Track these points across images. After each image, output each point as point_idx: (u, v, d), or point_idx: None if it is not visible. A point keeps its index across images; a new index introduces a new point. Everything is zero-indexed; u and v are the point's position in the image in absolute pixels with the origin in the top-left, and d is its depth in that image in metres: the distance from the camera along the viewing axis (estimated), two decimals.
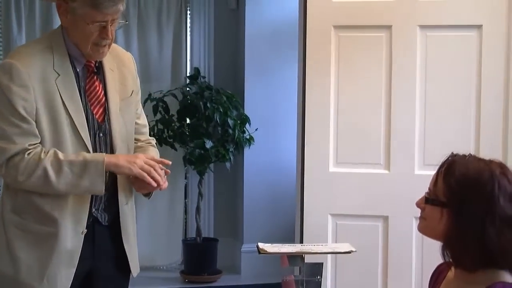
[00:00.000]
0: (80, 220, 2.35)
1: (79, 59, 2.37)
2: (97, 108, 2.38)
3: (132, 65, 2.56)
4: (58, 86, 2.30)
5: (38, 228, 2.34)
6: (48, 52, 2.34)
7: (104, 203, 2.43)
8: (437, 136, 2.97)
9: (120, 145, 2.43)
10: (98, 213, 2.43)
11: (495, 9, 2.94)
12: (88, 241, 2.40)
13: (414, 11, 2.98)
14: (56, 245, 2.32)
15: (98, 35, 2.28)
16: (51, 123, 2.29)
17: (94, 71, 2.39)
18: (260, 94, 5.36)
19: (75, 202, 2.34)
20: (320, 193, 3.04)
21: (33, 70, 2.27)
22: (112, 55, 2.46)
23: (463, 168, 1.77)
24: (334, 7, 3.02)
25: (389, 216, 3.01)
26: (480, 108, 2.96)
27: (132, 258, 2.52)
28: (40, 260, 2.33)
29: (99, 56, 2.35)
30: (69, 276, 2.35)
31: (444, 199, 1.79)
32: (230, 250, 5.52)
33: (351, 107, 3.04)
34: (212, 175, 5.53)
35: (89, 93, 2.38)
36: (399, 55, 2.99)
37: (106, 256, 2.47)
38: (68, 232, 2.33)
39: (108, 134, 2.40)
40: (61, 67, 2.33)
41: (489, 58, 2.95)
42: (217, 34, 5.59)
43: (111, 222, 2.46)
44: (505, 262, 1.74)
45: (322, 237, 3.00)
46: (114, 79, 2.45)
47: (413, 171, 2.98)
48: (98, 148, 2.38)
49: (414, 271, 2.98)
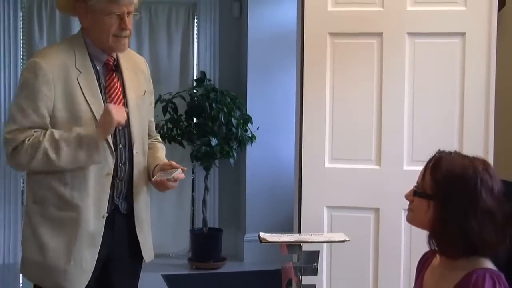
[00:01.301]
0: (101, 205, 2.36)
1: (99, 58, 2.39)
2: (116, 103, 2.39)
3: (145, 67, 2.58)
4: (80, 83, 2.32)
5: (61, 215, 2.34)
6: (69, 52, 2.36)
7: (124, 192, 2.44)
8: (424, 134, 2.97)
9: (138, 137, 2.45)
10: (119, 201, 2.44)
11: (477, 18, 2.94)
12: (109, 228, 2.41)
13: (403, 20, 2.98)
14: (79, 228, 2.33)
15: (117, 27, 2.32)
16: (72, 117, 2.30)
17: (113, 69, 2.41)
18: (261, 95, 5.36)
19: (96, 189, 2.34)
20: (317, 187, 3.04)
21: (56, 69, 2.30)
22: (127, 57, 2.49)
23: (448, 164, 1.78)
24: (329, 16, 3.02)
25: (379, 208, 3.01)
26: (463, 109, 2.96)
27: (145, 244, 2.52)
28: (65, 243, 2.34)
29: (120, 47, 2.37)
30: (94, 256, 2.37)
31: (431, 192, 1.79)
32: (234, 239, 5.52)
33: (345, 107, 3.04)
34: (217, 170, 5.53)
35: (109, 89, 2.40)
36: (389, 60, 2.99)
37: (122, 243, 2.48)
38: (90, 216, 2.34)
39: (126, 127, 2.41)
40: (82, 65, 2.35)
41: (472, 63, 2.95)
42: (222, 40, 5.59)
43: (128, 211, 2.47)
44: (485, 250, 1.75)
45: (318, 227, 3.00)
46: (131, 78, 2.47)
47: (402, 167, 2.98)
48: (118, 139, 2.39)
49: (403, 258, 2.98)
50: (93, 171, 2.33)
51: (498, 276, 1.73)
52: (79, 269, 2.34)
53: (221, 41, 5.57)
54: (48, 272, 2.35)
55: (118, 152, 2.39)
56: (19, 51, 5.26)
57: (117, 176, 2.40)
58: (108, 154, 2.34)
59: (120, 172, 2.41)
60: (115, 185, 2.39)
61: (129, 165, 2.42)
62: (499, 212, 1.75)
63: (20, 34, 5.25)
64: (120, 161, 2.41)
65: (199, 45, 5.55)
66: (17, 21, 5.23)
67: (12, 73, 5.24)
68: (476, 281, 1.70)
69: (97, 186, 2.34)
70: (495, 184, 1.76)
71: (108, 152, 2.34)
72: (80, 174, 2.32)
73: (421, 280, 1.91)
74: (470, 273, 1.73)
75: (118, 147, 2.40)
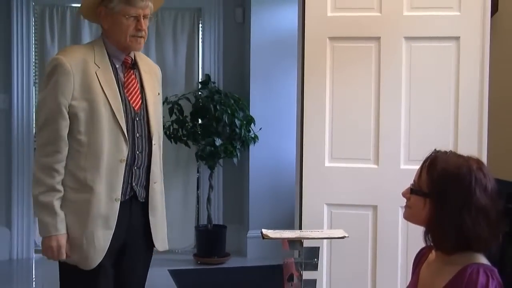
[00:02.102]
0: (114, 188, 2.43)
1: (117, 57, 2.51)
2: (134, 97, 2.51)
3: (158, 73, 2.71)
4: (98, 76, 2.43)
5: (76, 197, 2.43)
6: (89, 50, 2.49)
7: (143, 180, 2.52)
8: (420, 135, 2.96)
9: (155, 130, 2.54)
10: (138, 188, 2.50)
11: (471, 23, 2.93)
12: (125, 214, 2.48)
13: (400, 24, 2.97)
14: (91, 210, 2.41)
15: (134, 28, 2.45)
16: (89, 106, 2.40)
17: (131, 66, 2.53)
18: (264, 97, 5.36)
19: (109, 173, 2.42)
20: (317, 185, 3.03)
21: (75, 62, 2.42)
22: (144, 62, 2.62)
23: (444, 163, 1.78)
24: (329, 21, 3.02)
25: (377, 206, 3.00)
26: (458, 110, 2.95)
27: (157, 233, 2.57)
28: (80, 223, 2.42)
29: (137, 46, 2.49)
30: (107, 237, 2.43)
31: (427, 190, 1.79)
32: (237, 236, 5.52)
33: (344, 109, 3.03)
34: (221, 169, 5.53)
35: (127, 85, 2.51)
36: (387, 63, 2.99)
37: (137, 229, 2.53)
38: (102, 198, 2.41)
39: (144, 120, 2.51)
40: (101, 62, 2.46)
41: (466, 66, 2.94)
42: (226, 44, 5.59)
43: (145, 199, 2.54)
44: (479, 246, 1.75)
45: (318, 224, 3.00)
46: (149, 79, 2.59)
47: (399, 166, 2.97)
48: (137, 130, 2.49)
49: (400, 254, 2.98)
50: (107, 157, 2.42)
51: (491, 270, 1.73)
52: (92, 247, 2.41)
53: (225, 45, 5.57)
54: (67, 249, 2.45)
55: (135, 141, 2.48)
56: (32, 54, 5.27)
57: (134, 163, 2.48)
58: (122, 142, 2.43)
59: (137, 160, 2.49)
60: (133, 172, 2.48)
61: (147, 155, 2.51)
62: (493, 210, 1.74)
63: (32, 39, 5.27)
64: (138, 149, 2.49)
65: (203, 49, 5.55)
66: (30, 26, 5.24)
67: (25, 76, 5.25)
68: (471, 275, 1.70)
69: (111, 171, 2.42)
70: (489, 183, 1.75)
71: (122, 140, 2.43)
72: (94, 158, 2.41)
73: (417, 275, 1.90)
74: (465, 268, 1.73)
75: (135, 136, 2.48)
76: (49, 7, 5.27)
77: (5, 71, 5.23)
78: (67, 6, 5.31)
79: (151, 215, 2.54)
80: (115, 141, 2.43)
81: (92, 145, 2.41)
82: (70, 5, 5.31)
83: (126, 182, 2.46)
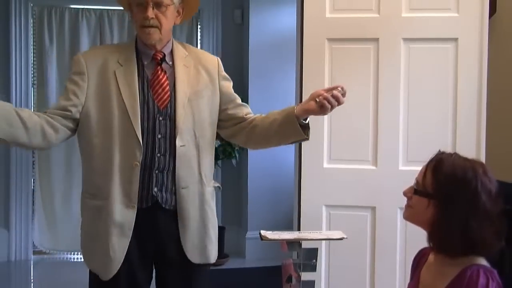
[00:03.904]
0: (128, 194, 2.29)
1: (146, 53, 2.39)
2: (161, 95, 2.35)
3: (212, 66, 2.49)
4: (117, 75, 2.32)
5: (92, 203, 2.34)
6: (116, 49, 2.42)
7: (168, 184, 2.35)
8: (419, 136, 2.96)
9: (183, 129, 2.35)
10: (161, 193, 2.34)
11: (470, 24, 2.93)
12: (148, 222, 2.33)
13: (398, 26, 2.98)
14: (105, 217, 2.30)
15: (141, 17, 2.31)
16: (102, 106, 2.30)
17: (159, 63, 2.39)
18: (263, 98, 5.36)
19: (123, 178, 2.29)
20: (315, 187, 3.03)
21: (93, 61, 2.34)
22: (192, 56, 2.46)
23: (450, 166, 1.78)
24: (327, 22, 3.02)
25: (376, 207, 3.00)
26: (456, 111, 2.95)
27: (187, 243, 2.37)
28: (95, 231, 2.33)
29: (146, 37, 2.34)
30: (123, 246, 2.30)
31: (432, 191, 1.79)
32: (236, 237, 5.52)
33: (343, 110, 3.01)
34: (220, 170, 5.53)
35: (153, 82, 2.37)
36: (385, 64, 2.99)
37: (167, 239, 2.37)
38: (116, 205, 2.28)
39: (169, 119, 2.35)
40: (126, 60, 2.36)
41: (464, 67, 2.94)
42: (224, 46, 5.59)
43: (174, 206, 2.36)
44: (484, 250, 1.75)
45: (317, 225, 3.00)
46: (188, 74, 2.41)
47: (397, 167, 2.98)
48: (158, 130, 2.34)
49: (398, 254, 2.98)
50: (119, 161, 2.28)
51: (491, 272, 1.73)
52: (107, 257, 2.30)
53: (224, 47, 5.57)
54: (85, 257, 2.40)
55: (156, 142, 2.32)
56: (30, 55, 5.27)
57: (155, 167, 2.32)
58: (135, 145, 2.29)
59: (159, 163, 2.32)
60: (153, 176, 2.32)
61: (171, 157, 2.33)
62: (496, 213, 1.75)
63: (31, 40, 5.26)
64: (159, 151, 2.33)
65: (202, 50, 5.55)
66: (28, 27, 5.24)
67: (24, 77, 5.24)
68: (471, 276, 1.70)
69: (124, 176, 2.28)
70: (493, 187, 1.76)
71: (135, 142, 2.29)
72: (106, 162, 2.29)
73: (418, 277, 1.90)
74: (465, 269, 1.73)
75: (156, 138, 2.33)
76: (47, 8, 5.27)
77: (4, 72, 5.22)
78: (65, 7, 5.31)
79: (180, 224, 2.35)
80: (127, 144, 2.28)
81: (103, 147, 2.29)
82: (69, 6, 5.31)
83: (146, 187, 2.31)
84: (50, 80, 5.28)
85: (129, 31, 5.31)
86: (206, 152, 2.42)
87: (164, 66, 2.40)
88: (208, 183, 2.44)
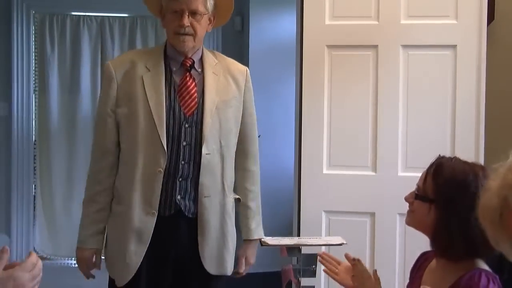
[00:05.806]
0: (149, 201, 2.27)
1: (175, 59, 2.37)
2: (188, 102, 2.33)
3: (240, 77, 2.52)
4: (144, 80, 2.30)
5: (116, 208, 2.34)
6: (145, 53, 2.44)
7: (191, 192, 2.32)
8: (418, 142, 2.96)
9: (210, 137, 2.32)
10: (184, 201, 2.31)
11: (468, 31, 2.94)
12: (170, 231, 2.31)
13: (397, 33, 2.98)
14: (125, 223, 2.28)
15: (176, 24, 2.30)
16: (129, 112, 2.29)
17: (188, 69, 2.37)
18: (262, 105, 5.34)
19: (145, 184, 2.27)
20: (315, 193, 3.03)
21: (121, 66, 2.34)
22: (222, 64, 2.48)
23: (450, 170, 1.78)
24: (327, 29, 3.03)
25: (375, 213, 3.00)
26: (455, 118, 2.95)
27: (205, 253, 2.35)
28: (116, 237, 2.33)
29: (180, 45, 2.34)
30: (139, 253, 2.28)
31: (433, 196, 1.78)
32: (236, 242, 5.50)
33: (342, 116, 3.03)
34: None
35: (181, 88, 2.35)
36: (384, 71, 2.99)
37: (187, 248, 2.34)
38: (136, 212, 2.27)
39: (196, 126, 2.32)
40: (154, 65, 2.34)
41: (463, 74, 2.94)
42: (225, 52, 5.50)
43: (196, 214, 2.34)
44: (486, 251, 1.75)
45: (316, 231, 2.99)
46: (217, 82, 2.40)
47: (396, 173, 2.97)
48: (184, 138, 2.31)
49: (398, 260, 2.97)
50: (143, 167, 2.28)
51: (493, 276, 1.73)
52: (122, 262, 2.29)
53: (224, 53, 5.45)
54: (106, 262, 2.40)
55: (181, 150, 2.30)
56: (32, 62, 5.26)
57: (179, 174, 2.31)
58: (159, 152, 2.27)
59: (183, 170, 2.31)
60: (177, 184, 2.30)
61: (195, 165, 2.31)
62: None
63: (32, 47, 5.26)
64: (183, 159, 2.31)
65: None
66: (30, 34, 5.23)
67: (25, 84, 5.24)
68: (472, 277, 1.70)
69: (146, 182, 2.27)
70: None
71: (160, 149, 2.27)
72: (130, 168, 2.29)
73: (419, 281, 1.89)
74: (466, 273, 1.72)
75: (181, 145, 2.31)
76: (49, 15, 5.27)
77: (5, 79, 5.22)
78: (67, 14, 5.31)
79: (200, 233, 2.32)
80: (152, 150, 2.26)
81: (128, 153, 2.29)
82: (70, 13, 5.32)
83: (169, 195, 2.29)
84: (51, 87, 5.28)
85: (130, 38, 5.30)
86: (229, 162, 2.40)
87: (193, 73, 2.38)
88: (230, 194, 2.42)
